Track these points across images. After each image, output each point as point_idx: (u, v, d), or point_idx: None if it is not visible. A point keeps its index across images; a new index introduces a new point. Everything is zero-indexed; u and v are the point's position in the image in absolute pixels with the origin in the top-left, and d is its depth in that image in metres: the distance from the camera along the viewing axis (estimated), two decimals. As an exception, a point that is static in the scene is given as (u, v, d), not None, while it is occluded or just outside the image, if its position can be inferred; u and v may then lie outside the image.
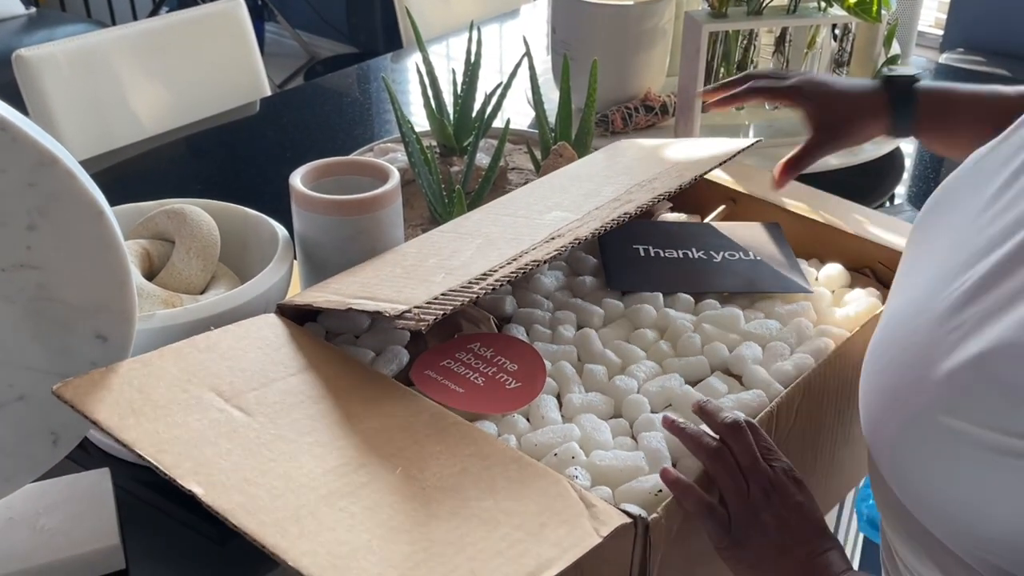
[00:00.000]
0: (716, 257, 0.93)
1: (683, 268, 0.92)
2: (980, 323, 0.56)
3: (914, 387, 0.59)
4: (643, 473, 0.67)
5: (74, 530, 0.80)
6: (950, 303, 0.58)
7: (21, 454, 0.75)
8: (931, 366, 0.58)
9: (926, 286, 0.62)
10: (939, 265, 0.62)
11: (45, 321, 0.71)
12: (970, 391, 0.55)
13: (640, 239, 0.95)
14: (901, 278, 0.69)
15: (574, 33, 1.55)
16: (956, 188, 0.68)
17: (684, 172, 0.93)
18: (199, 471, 0.60)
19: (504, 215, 0.90)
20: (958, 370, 0.56)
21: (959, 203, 0.65)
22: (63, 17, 3.36)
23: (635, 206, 0.86)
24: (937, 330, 0.58)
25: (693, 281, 0.91)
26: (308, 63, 3.86)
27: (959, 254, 0.60)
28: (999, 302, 0.56)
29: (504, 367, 0.76)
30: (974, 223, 0.61)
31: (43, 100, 1.49)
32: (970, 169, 0.67)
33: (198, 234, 0.95)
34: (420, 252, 0.85)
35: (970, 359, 0.55)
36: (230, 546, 0.85)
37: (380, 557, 0.55)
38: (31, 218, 0.68)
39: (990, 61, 2.56)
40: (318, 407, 0.68)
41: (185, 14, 1.71)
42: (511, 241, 0.83)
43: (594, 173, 0.98)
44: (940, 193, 0.69)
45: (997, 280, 0.57)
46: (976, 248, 0.59)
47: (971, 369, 0.55)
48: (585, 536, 0.57)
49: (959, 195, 0.66)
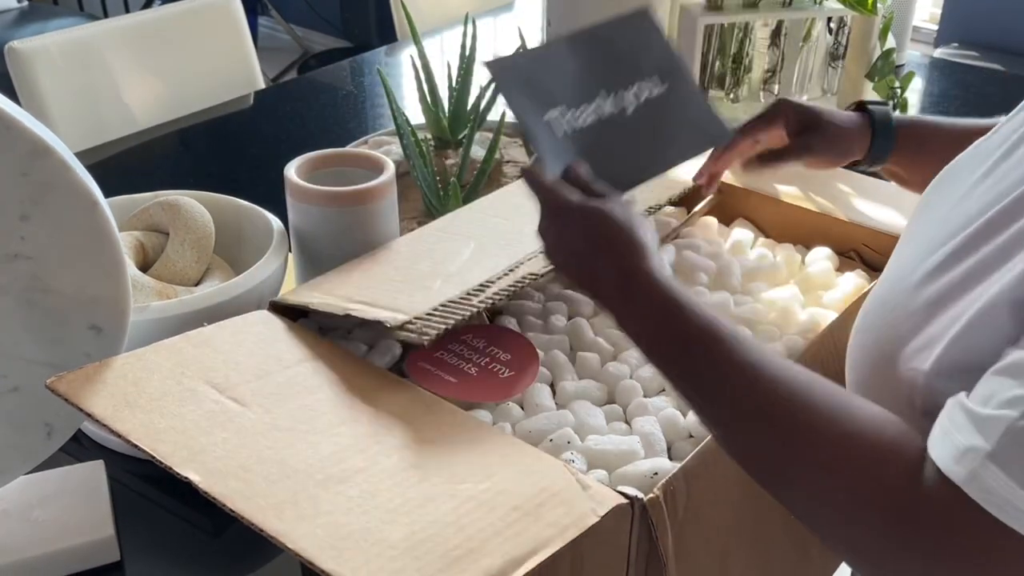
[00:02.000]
0: (627, 106, 0.80)
1: (609, 142, 0.78)
2: (939, 302, 0.57)
3: (889, 359, 0.60)
4: (638, 457, 0.68)
5: (68, 522, 0.80)
6: (920, 276, 0.59)
7: (15, 446, 0.75)
8: (901, 342, 0.59)
9: (910, 257, 0.63)
10: (922, 239, 0.63)
11: (39, 312, 0.71)
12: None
13: (547, 96, 0.76)
14: (896, 250, 0.70)
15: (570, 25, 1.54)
16: (956, 168, 0.69)
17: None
18: (195, 459, 0.60)
19: (493, 217, 0.91)
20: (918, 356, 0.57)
21: (954, 182, 0.66)
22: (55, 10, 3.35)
23: None
24: (908, 300, 0.59)
25: (629, 167, 0.79)
26: (301, 57, 3.86)
27: (941, 229, 0.61)
28: (960, 279, 0.56)
29: (497, 357, 0.76)
30: (960, 201, 0.62)
31: (36, 92, 1.49)
32: (971, 151, 0.68)
33: (192, 226, 0.95)
34: (412, 252, 0.85)
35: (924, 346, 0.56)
36: (224, 537, 0.85)
37: (378, 539, 0.55)
38: (25, 208, 0.68)
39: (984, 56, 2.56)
40: (314, 397, 0.68)
41: (179, 7, 1.71)
42: (504, 248, 0.84)
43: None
44: (943, 172, 0.70)
45: (960, 258, 0.57)
46: (955, 225, 0.60)
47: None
48: (582, 516, 0.57)
49: (957, 174, 0.67)
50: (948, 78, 1.88)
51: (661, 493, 0.60)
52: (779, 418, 0.55)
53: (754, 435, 0.56)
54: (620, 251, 0.63)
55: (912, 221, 0.72)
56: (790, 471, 0.55)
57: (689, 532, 0.63)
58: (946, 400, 0.53)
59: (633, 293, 0.62)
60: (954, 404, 0.52)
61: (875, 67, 1.54)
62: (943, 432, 0.51)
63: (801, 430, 0.54)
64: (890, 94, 1.58)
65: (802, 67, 1.61)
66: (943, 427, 0.51)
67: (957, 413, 0.51)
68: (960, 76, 1.92)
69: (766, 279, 0.91)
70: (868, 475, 0.52)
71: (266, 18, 4.06)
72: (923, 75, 1.86)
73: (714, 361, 0.58)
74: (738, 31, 1.53)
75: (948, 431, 0.50)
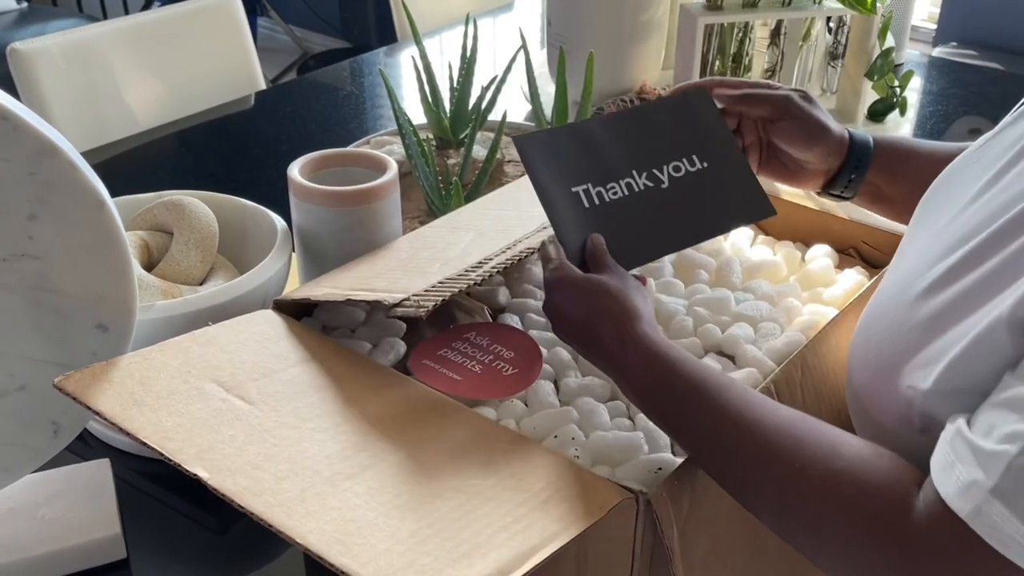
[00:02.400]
0: (663, 179, 0.81)
1: (638, 215, 0.79)
2: (939, 319, 0.57)
3: (887, 375, 0.60)
4: (642, 453, 0.68)
5: (75, 520, 0.80)
6: (919, 290, 0.60)
7: (22, 444, 0.75)
8: (900, 359, 0.59)
9: (909, 269, 0.63)
10: (922, 250, 0.63)
11: (46, 311, 0.71)
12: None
13: (574, 172, 0.77)
14: (896, 255, 0.71)
15: (570, 25, 1.55)
16: (959, 171, 0.68)
17: None
18: (203, 456, 0.61)
19: (493, 210, 0.91)
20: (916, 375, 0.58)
21: (956, 187, 0.66)
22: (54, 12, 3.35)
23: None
24: (909, 314, 0.60)
25: (657, 238, 0.79)
26: (301, 58, 3.86)
27: (941, 241, 0.61)
28: (961, 296, 0.57)
29: (500, 354, 0.77)
30: (961, 212, 0.62)
31: (38, 93, 1.49)
32: (974, 153, 0.68)
33: (197, 225, 0.95)
34: (413, 247, 0.86)
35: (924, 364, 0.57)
36: (230, 535, 0.85)
37: (386, 534, 0.56)
38: (32, 208, 0.68)
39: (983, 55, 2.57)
40: (320, 395, 0.68)
41: (180, 8, 1.71)
42: (503, 232, 0.84)
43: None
44: (944, 174, 0.70)
45: (960, 273, 0.58)
46: (956, 237, 0.60)
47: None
48: (588, 511, 0.58)
49: (960, 178, 0.67)
50: (947, 77, 1.89)
51: (665, 488, 0.61)
52: (772, 461, 0.58)
53: (750, 479, 0.59)
54: (616, 318, 0.67)
55: (912, 228, 0.71)
56: (785, 513, 0.58)
57: (694, 526, 0.63)
58: (944, 420, 0.54)
59: (628, 355, 0.66)
60: (955, 434, 0.52)
61: (874, 66, 1.54)
62: (947, 463, 0.52)
63: (793, 469, 0.57)
64: (889, 93, 1.59)
65: (801, 66, 1.61)
66: (946, 458, 0.52)
67: (960, 444, 0.52)
68: (959, 75, 1.92)
69: (766, 276, 0.91)
70: (861, 508, 0.54)
71: (265, 19, 4.07)
72: (922, 74, 1.86)
73: (705, 412, 0.61)
74: (738, 31, 1.54)
75: (952, 463, 0.51)
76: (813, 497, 0.56)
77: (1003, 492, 0.49)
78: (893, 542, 0.52)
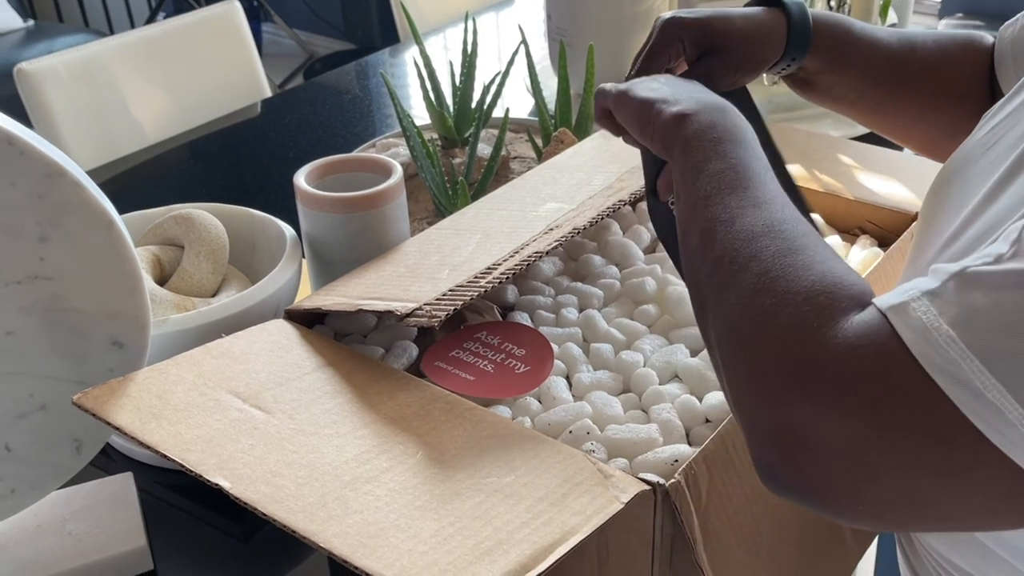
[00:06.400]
0: None
1: None
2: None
3: None
4: (658, 444, 0.68)
5: (101, 534, 0.81)
6: (936, 250, 0.59)
7: (46, 462, 0.76)
8: None
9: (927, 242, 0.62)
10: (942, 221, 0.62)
11: (62, 330, 0.72)
12: None
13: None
14: (913, 249, 0.69)
15: (569, 19, 1.55)
16: (966, 164, 0.67)
17: None
18: (224, 466, 0.61)
19: (499, 210, 0.92)
20: None
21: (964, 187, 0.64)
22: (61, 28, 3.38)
23: (628, 193, 0.88)
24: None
25: None
26: (307, 62, 3.87)
27: (960, 208, 0.60)
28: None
29: (512, 353, 0.77)
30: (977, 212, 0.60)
31: (46, 112, 1.51)
32: (983, 136, 0.65)
33: (207, 238, 0.96)
34: (421, 251, 0.87)
35: None
36: (253, 543, 0.86)
37: (409, 535, 0.56)
38: (43, 229, 0.69)
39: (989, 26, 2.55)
40: (335, 401, 0.69)
41: (183, 20, 1.72)
42: (510, 235, 0.85)
43: (583, 163, 0.99)
44: (945, 175, 0.68)
45: (956, 236, 0.56)
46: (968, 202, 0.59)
47: None
48: (607, 503, 0.58)
49: (966, 175, 0.65)
50: (952, 49, 1.87)
51: (683, 478, 0.61)
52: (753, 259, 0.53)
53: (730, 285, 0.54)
54: (712, 103, 0.65)
55: (926, 208, 0.69)
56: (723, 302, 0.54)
57: (714, 515, 0.63)
58: None
59: (690, 132, 0.63)
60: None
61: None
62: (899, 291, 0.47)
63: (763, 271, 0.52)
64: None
65: (804, 47, 1.60)
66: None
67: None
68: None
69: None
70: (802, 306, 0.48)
71: (269, 24, 4.08)
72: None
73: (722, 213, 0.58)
74: (738, 14, 1.53)
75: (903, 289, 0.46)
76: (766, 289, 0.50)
77: (938, 293, 0.43)
78: (809, 340, 0.46)
